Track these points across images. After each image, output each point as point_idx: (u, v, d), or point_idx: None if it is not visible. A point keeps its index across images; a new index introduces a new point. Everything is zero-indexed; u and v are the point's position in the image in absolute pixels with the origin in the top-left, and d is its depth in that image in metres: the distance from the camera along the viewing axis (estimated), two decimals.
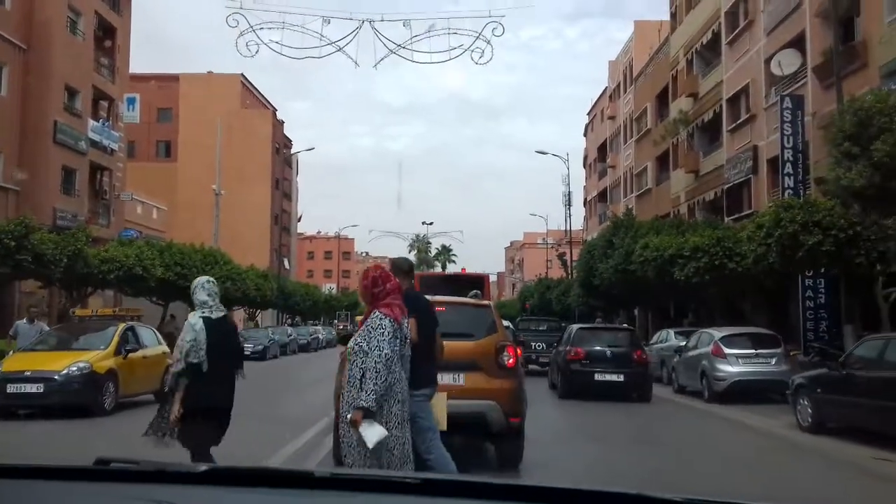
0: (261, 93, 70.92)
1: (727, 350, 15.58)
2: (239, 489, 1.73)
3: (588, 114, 60.99)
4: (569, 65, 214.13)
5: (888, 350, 10.06)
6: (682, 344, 18.57)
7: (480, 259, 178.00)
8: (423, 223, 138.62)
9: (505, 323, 10.52)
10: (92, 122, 33.64)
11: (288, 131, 71.21)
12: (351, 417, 4.47)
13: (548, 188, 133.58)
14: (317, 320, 67.70)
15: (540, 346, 23.73)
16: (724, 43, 29.44)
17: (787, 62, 23.33)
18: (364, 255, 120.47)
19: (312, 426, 10.49)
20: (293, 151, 67.72)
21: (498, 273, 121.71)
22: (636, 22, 47.02)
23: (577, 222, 60.08)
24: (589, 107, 60.45)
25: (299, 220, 77.22)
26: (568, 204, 50.07)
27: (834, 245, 14.08)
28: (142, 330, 14.39)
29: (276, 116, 68.11)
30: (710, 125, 31.23)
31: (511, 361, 7.50)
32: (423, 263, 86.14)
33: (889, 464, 8.86)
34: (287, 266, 66.40)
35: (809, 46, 22.62)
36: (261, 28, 14.70)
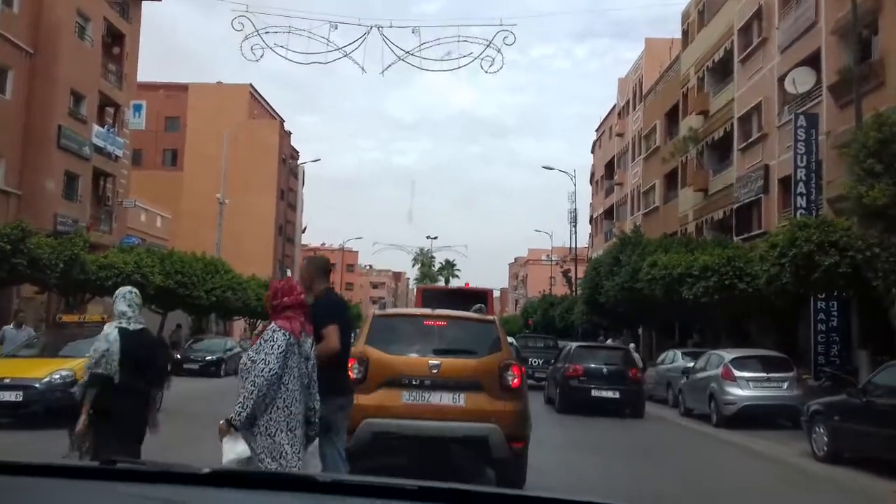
0: (269, 104, 70.86)
1: (737, 373, 15.15)
2: (243, 491, 1.78)
3: (596, 130, 60.73)
4: (577, 84, 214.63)
5: None
6: (690, 365, 18.27)
7: (484, 275, 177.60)
8: (428, 237, 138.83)
9: (509, 339, 10.08)
10: (97, 128, 33.38)
11: (297, 144, 71.27)
12: (219, 426, 4.22)
13: (553, 205, 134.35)
14: None
15: (537, 363, 24.65)
16: (737, 60, 29.12)
17: (802, 80, 22.97)
18: (367, 268, 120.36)
19: None
20: (299, 162, 67.57)
21: (501, 289, 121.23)
22: (647, 39, 47.11)
23: (583, 239, 59.77)
24: (597, 124, 60.23)
25: (304, 232, 77.06)
26: (574, 221, 49.73)
27: (851, 266, 13.60)
28: None
29: (284, 127, 67.97)
30: (721, 143, 30.87)
31: (516, 381, 6.98)
32: (427, 277, 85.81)
33: None
34: (290, 277, 66.10)
35: (825, 65, 22.27)
36: (266, 32, 14.38)
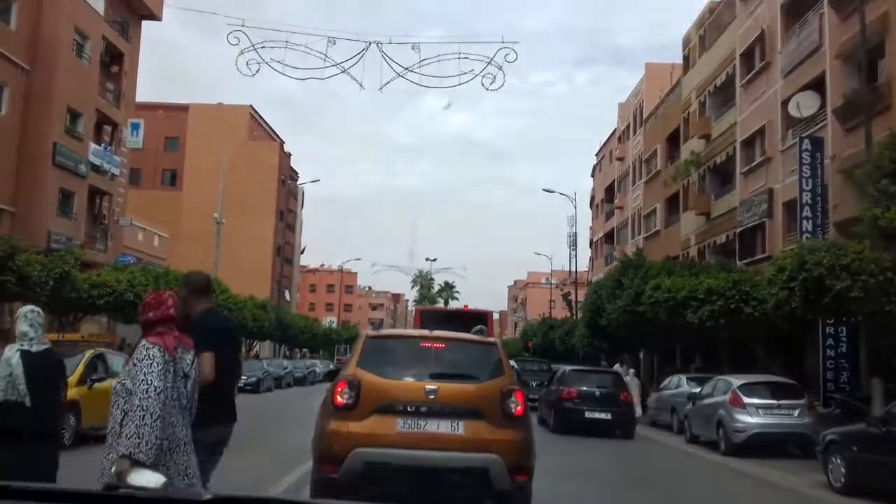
0: (269, 125, 70.80)
1: (746, 399, 14.68)
2: None
3: (596, 154, 60.61)
4: (577, 109, 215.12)
5: None
6: (695, 390, 17.79)
7: (483, 297, 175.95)
8: (427, 259, 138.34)
9: (511, 363, 9.63)
10: (93, 146, 33.11)
11: (296, 165, 71.03)
12: (115, 470, 3.53)
13: (552, 229, 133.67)
14: (316, 353, 67.01)
15: (532, 385, 24.77)
16: (739, 85, 28.94)
17: (806, 104, 22.75)
18: (366, 290, 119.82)
19: (308, 459, 9.79)
20: (299, 183, 67.36)
21: (500, 312, 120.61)
22: (647, 64, 47.08)
23: (583, 263, 59.39)
24: (597, 148, 60.12)
25: (302, 252, 76.73)
26: (574, 244, 49.41)
27: (863, 291, 13.18)
28: (112, 358, 13.40)
29: (283, 148, 67.86)
30: (723, 167, 30.61)
31: (519, 409, 6.50)
32: (426, 299, 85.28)
33: None
34: (288, 298, 65.63)
35: (830, 89, 22.03)
36: (262, 47, 14.05)
